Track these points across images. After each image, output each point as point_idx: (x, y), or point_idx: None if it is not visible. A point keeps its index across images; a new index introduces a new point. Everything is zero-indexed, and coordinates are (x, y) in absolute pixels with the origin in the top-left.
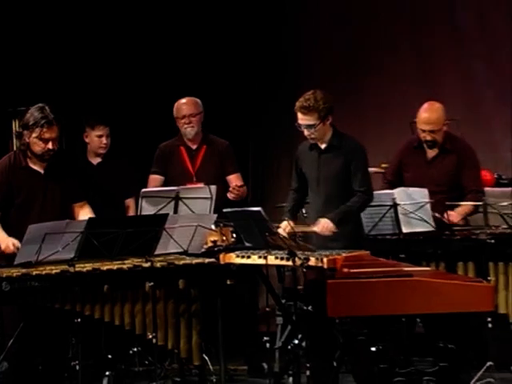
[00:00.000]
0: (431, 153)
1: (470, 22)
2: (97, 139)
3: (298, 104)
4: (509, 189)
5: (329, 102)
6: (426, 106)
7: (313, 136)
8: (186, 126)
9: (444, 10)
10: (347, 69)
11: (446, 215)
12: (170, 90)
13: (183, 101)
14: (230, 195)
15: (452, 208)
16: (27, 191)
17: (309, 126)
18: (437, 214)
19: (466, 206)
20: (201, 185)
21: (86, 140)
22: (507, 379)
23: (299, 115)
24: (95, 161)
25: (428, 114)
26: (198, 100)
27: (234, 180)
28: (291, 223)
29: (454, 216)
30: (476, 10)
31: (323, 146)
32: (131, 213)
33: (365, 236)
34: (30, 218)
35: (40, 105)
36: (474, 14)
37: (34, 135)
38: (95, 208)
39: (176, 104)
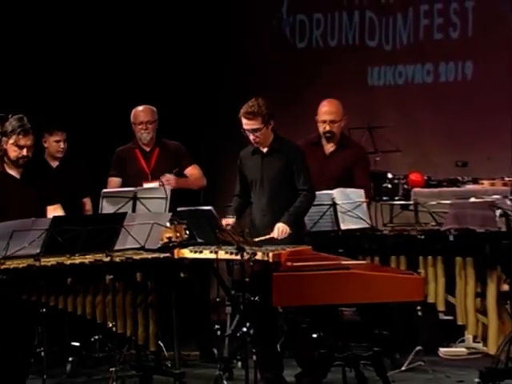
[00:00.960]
0: (329, 148)
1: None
2: (55, 144)
3: (242, 110)
4: (437, 189)
5: (270, 107)
6: (325, 101)
7: (257, 140)
8: (142, 131)
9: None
10: (289, 77)
11: None
12: (124, 96)
13: (140, 108)
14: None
15: None
16: (4, 195)
17: (254, 130)
18: None
19: None
20: (156, 183)
21: (45, 145)
22: (435, 362)
23: (244, 121)
24: (54, 164)
25: (328, 106)
26: (154, 108)
27: (192, 171)
28: (231, 221)
29: None
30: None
31: (265, 150)
32: (88, 210)
33: (307, 232)
34: (7, 220)
35: (19, 115)
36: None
37: (10, 142)
38: None
39: (134, 110)
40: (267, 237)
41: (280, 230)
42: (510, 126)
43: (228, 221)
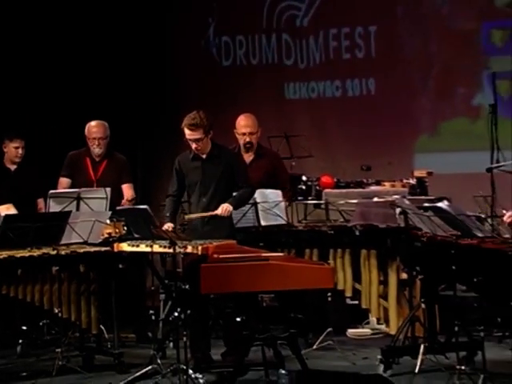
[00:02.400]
0: (248, 157)
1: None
2: (14, 150)
3: (185, 122)
4: (345, 190)
5: (210, 119)
6: (242, 115)
7: (199, 148)
8: (95, 146)
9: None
10: (216, 91)
11: None
12: (75, 109)
13: (93, 124)
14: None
15: None
16: None
17: (196, 140)
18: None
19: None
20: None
21: (5, 150)
22: (343, 341)
23: (187, 131)
24: (12, 167)
25: (245, 120)
26: (106, 124)
27: (127, 188)
28: (171, 225)
29: None
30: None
31: (204, 156)
32: (40, 209)
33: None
34: None
35: None
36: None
37: None
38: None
39: (88, 126)
40: (212, 213)
41: (224, 208)
42: (407, 134)
43: (169, 226)
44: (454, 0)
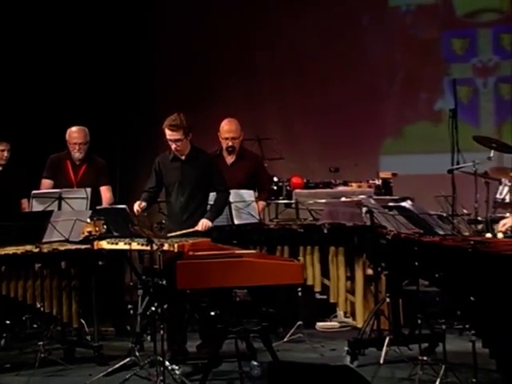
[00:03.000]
0: (230, 159)
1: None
2: None
3: (166, 123)
4: (314, 190)
5: (190, 121)
6: (226, 120)
7: (178, 148)
8: (75, 151)
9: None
10: (191, 98)
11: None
12: (56, 113)
13: (74, 129)
14: None
15: None
16: None
17: (176, 140)
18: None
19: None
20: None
21: None
22: (313, 334)
23: (168, 132)
24: None
25: (229, 125)
26: (87, 130)
27: (105, 190)
28: (143, 203)
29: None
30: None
31: (183, 158)
32: (24, 209)
33: None
34: None
35: None
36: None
37: None
38: None
39: (69, 131)
40: (192, 230)
41: (204, 224)
42: (373, 137)
43: (140, 204)
44: (416, 11)
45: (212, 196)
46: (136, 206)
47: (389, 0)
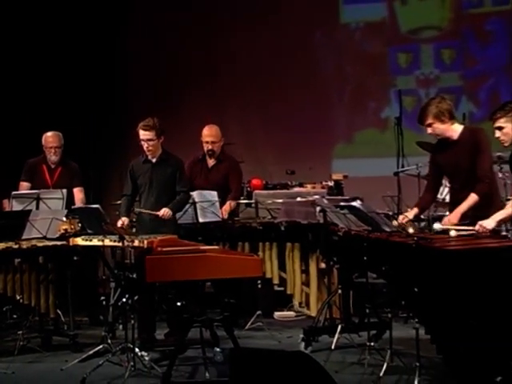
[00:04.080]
0: (211, 162)
1: (249, 76)
2: None
3: (140, 124)
4: (272, 191)
5: (162, 125)
6: (207, 126)
7: (150, 148)
8: (51, 154)
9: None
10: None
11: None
12: (32, 118)
13: (50, 134)
14: None
15: None
16: None
17: (149, 140)
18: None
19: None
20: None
21: None
22: (271, 323)
23: (142, 132)
24: None
25: (209, 130)
26: (61, 134)
27: (78, 192)
28: (126, 219)
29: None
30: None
31: (154, 160)
32: (4, 208)
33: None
34: None
35: None
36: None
37: None
38: None
39: (44, 136)
40: (155, 213)
41: (166, 211)
42: (326, 142)
43: (124, 220)
44: (365, 27)
45: None
46: (120, 224)
47: (340, 17)
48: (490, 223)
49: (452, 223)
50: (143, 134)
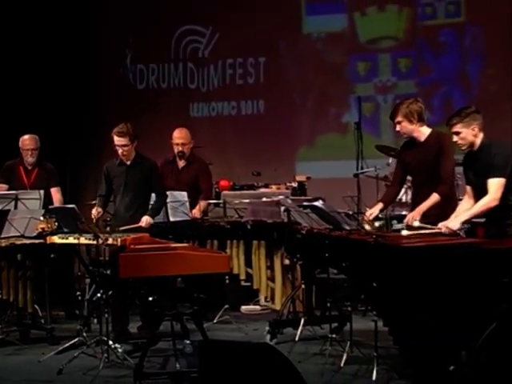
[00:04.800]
0: (181, 164)
1: (214, 82)
2: None
3: (114, 130)
4: (239, 192)
5: (135, 130)
6: (177, 129)
7: (124, 153)
8: (28, 156)
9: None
10: (133, 109)
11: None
12: (11, 123)
13: (26, 137)
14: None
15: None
16: None
17: (123, 145)
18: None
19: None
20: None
21: None
22: (238, 316)
23: (116, 138)
24: None
25: (179, 133)
26: (37, 137)
27: (55, 192)
28: (100, 210)
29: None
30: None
31: (129, 163)
32: None
33: None
34: None
35: None
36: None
37: None
38: None
39: (21, 139)
40: (136, 225)
41: (147, 221)
42: (290, 146)
43: (98, 209)
44: (326, 37)
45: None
46: (94, 212)
47: (303, 28)
48: (454, 224)
49: (414, 219)
50: (117, 140)
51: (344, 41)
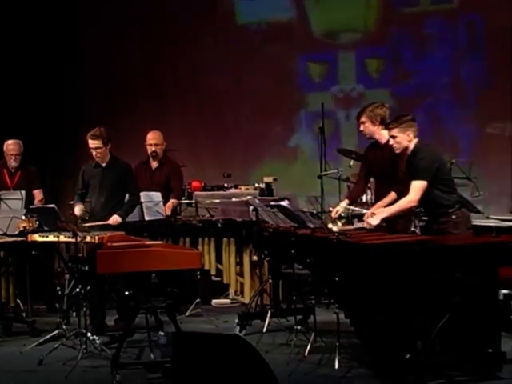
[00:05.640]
0: (154, 165)
1: (191, 90)
2: None
3: (89, 134)
4: (210, 192)
5: (109, 134)
6: (151, 131)
7: (98, 155)
8: (11, 160)
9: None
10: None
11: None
12: None
13: (10, 142)
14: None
15: None
16: None
17: (97, 148)
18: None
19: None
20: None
21: None
22: (209, 309)
23: (90, 141)
24: None
25: (153, 134)
26: (21, 142)
27: (37, 193)
28: (81, 207)
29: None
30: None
31: (104, 165)
32: None
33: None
34: None
35: None
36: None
37: None
38: None
39: (5, 144)
40: (105, 222)
41: (115, 219)
42: (258, 149)
43: (80, 206)
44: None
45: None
46: (77, 210)
47: (236, 18)
48: (375, 220)
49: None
50: (91, 143)
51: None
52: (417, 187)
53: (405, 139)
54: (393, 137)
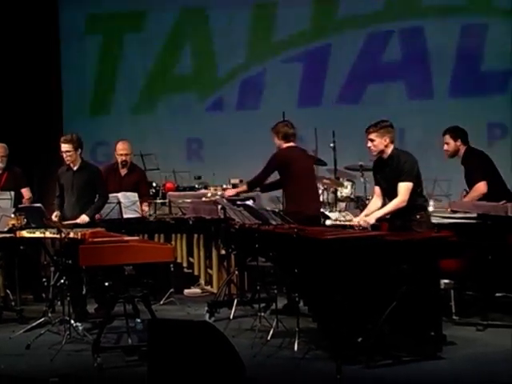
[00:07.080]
0: (123, 172)
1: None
2: None
3: (61, 138)
4: (182, 193)
5: (79, 139)
6: (120, 141)
7: (68, 159)
8: None
9: None
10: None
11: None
12: None
13: None
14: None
15: None
16: None
17: (67, 151)
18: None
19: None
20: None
21: None
22: (182, 298)
23: (62, 145)
24: None
25: (122, 144)
26: (6, 145)
27: (25, 191)
28: (58, 213)
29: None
30: None
31: (75, 168)
32: None
33: (103, 220)
34: None
35: None
36: None
37: None
38: None
39: None
40: (74, 222)
41: (82, 218)
42: (226, 153)
43: (56, 214)
44: None
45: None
46: (54, 217)
47: None
48: (370, 219)
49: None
50: (63, 147)
51: None
52: (405, 189)
53: (382, 144)
54: (370, 140)
